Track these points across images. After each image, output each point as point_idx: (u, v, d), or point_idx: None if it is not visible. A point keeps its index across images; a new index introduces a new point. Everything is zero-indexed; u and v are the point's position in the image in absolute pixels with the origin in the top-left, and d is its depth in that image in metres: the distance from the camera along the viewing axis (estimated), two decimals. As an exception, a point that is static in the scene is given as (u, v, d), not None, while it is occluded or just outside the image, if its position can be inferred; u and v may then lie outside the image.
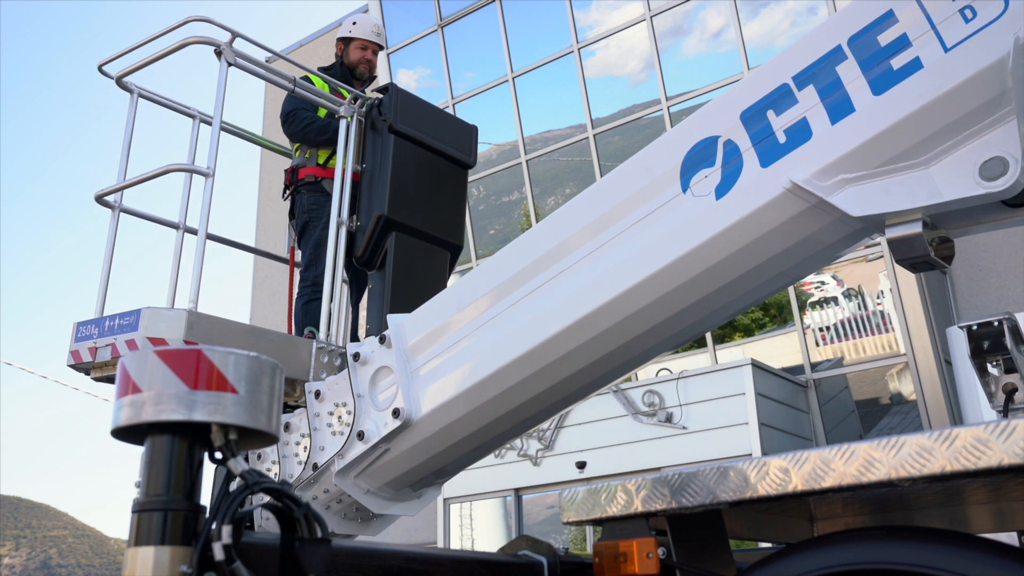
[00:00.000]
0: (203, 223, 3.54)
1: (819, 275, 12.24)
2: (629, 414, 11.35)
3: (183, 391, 1.47)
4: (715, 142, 2.51)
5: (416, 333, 3.13)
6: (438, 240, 4.17)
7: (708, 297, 2.58)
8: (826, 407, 11.89)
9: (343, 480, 3.20)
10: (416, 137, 4.07)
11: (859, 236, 2.42)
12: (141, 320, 3.34)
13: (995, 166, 2.10)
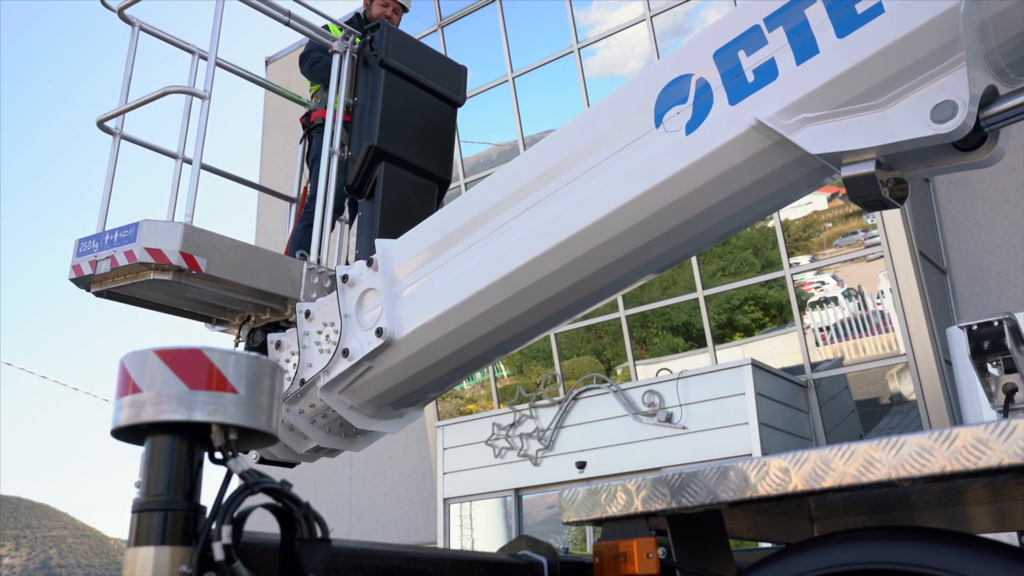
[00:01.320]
0: (199, 144, 3.74)
1: (819, 275, 12.24)
2: (629, 414, 11.35)
3: (183, 391, 1.47)
4: (688, 80, 2.62)
5: (402, 258, 3.30)
6: (426, 173, 4.29)
7: (678, 227, 2.70)
8: (826, 407, 11.89)
9: (328, 395, 3.36)
10: (406, 72, 4.22)
11: (819, 175, 2.52)
12: (139, 232, 3.48)
13: (945, 109, 2.20)
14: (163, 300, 3.91)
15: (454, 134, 4.53)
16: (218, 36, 3.88)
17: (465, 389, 15.19)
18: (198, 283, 3.59)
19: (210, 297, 3.82)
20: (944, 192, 12.87)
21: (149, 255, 3.44)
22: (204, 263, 3.51)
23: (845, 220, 12.14)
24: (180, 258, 3.45)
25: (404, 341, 3.18)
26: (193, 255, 3.50)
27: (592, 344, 13.82)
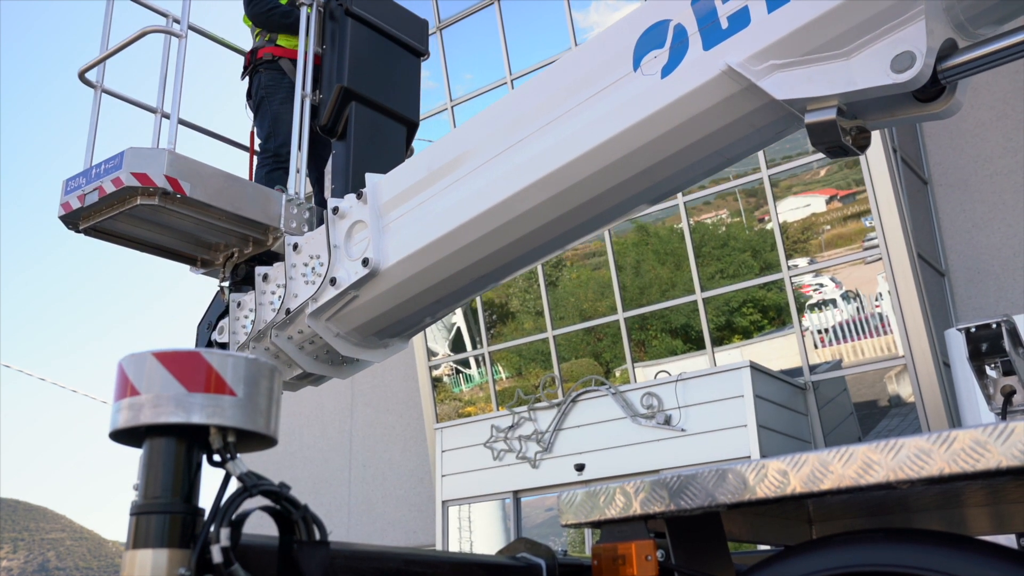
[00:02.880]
0: (178, 78, 3.93)
1: (817, 277, 12.25)
2: (628, 416, 11.35)
3: (181, 393, 1.47)
4: (667, 25, 2.72)
5: (390, 191, 3.42)
6: (395, 115, 4.46)
7: (653, 167, 2.81)
8: (825, 409, 11.90)
9: (315, 322, 3.51)
10: (371, 21, 4.42)
11: (786, 122, 2.62)
12: (125, 159, 3.61)
13: (904, 59, 2.29)
14: (148, 236, 4.02)
15: (419, 82, 4.72)
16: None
17: (464, 392, 15.19)
18: (182, 208, 3.71)
19: (194, 227, 3.92)
20: (942, 195, 12.88)
21: (136, 179, 3.57)
22: (188, 187, 3.66)
23: (844, 223, 12.15)
24: (165, 181, 3.59)
25: (389, 271, 3.33)
26: (177, 179, 3.64)
27: (591, 346, 13.82)
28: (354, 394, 17.59)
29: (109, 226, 3.87)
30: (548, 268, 14.31)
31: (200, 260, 4.23)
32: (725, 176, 12.94)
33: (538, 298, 14.19)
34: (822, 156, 12.52)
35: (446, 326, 15.65)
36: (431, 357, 15.27)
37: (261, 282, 3.81)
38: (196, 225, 3.89)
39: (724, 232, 13.08)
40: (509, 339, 14.59)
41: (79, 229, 3.89)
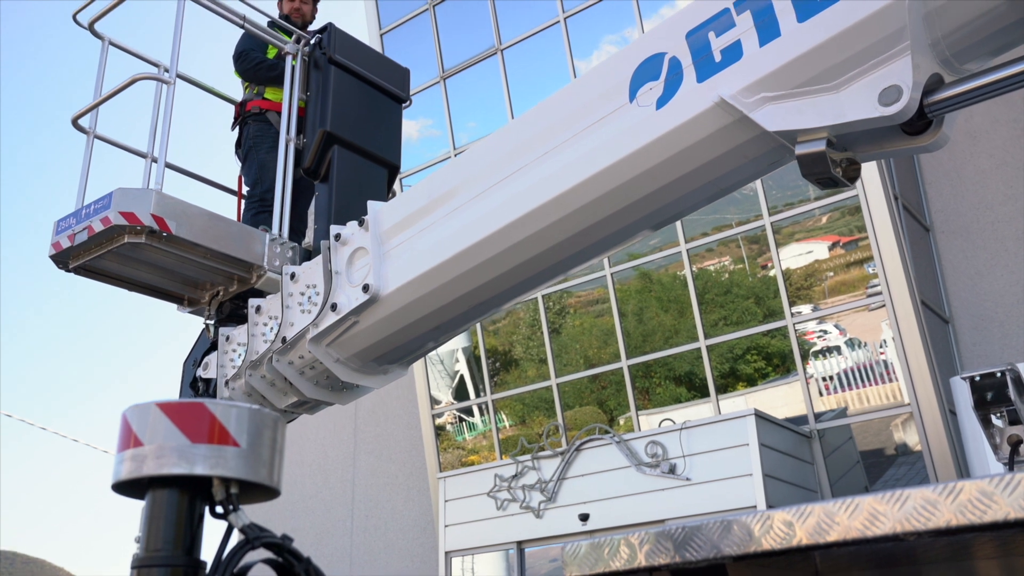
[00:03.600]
0: (166, 123, 4.09)
1: (821, 324, 12.23)
2: (632, 465, 11.26)
3: (185, 444, 1.47)
4: (662, 58, 2.79)
5: (391, 219, 3.46)
6: (377, 159, 4.62)
7: (648, 197, 2.86)
8: (831, 458, 11.79)
9: (316, 347, 3.54)
10: (353, 69, 4.59)
11: (778, 153, 2.65)
12: (113, 199, 3.74)
13: (892, 93, 2.33)
14: (136, 275, 4.13)
15: (400, 127, 4.92)
16: (180, 33, 4.24)
17: (467, 440, 15.09)
18: (169, 247, 3.85)
19: (181, 265, 4.04)
20: (944, 242, 12.91)
21: (123, 218, 3.70)
22: (174, 226, 3.79)
23: (846, 269, 12.17)
24: (152, 220, 3.72)
25: (389, 298, 3.36)
26: (164, 218, 3.77)
27: (595, 394, 13.76)
28: (357, 443, 17.48)
29: (98, 265, 3.98)
30: (552, 315, 14.31)
31: (187, 299, 4.32)
32: (727, 223, 13.00)
33: (541, 345, 14.17)
34: (824, 203, 12.56)
35: (449, 374, 15.61)
36: (434, 405, 15.21)
37: (254, 314, 3.88)
38: (182, 263, 4.01)
39: (727, 279, 13.10)
40: (512, 387, 14.53)
41: (69, 268, 4.00)
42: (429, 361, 15.38)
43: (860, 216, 11.67)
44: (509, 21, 15.33)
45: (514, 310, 14.97)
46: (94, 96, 4.35)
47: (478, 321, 3.81)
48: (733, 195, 13.23)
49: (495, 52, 15.19)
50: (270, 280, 4.12)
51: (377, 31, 16.73)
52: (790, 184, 12.74)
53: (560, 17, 14.56)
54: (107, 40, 4.47)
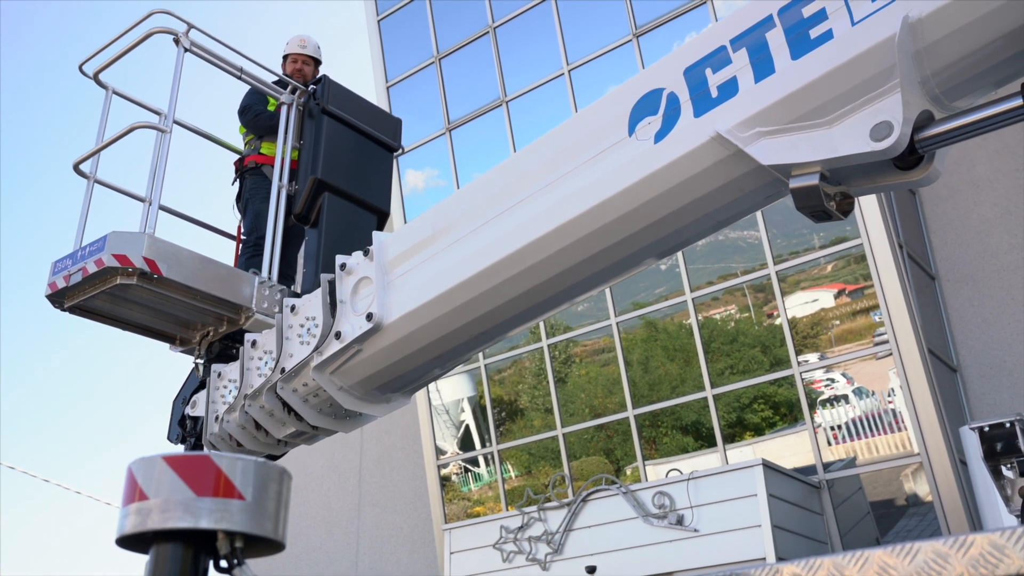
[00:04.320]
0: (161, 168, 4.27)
1: (828, 373, 12.18)
2: (639, 516, 11.13)
3: (190, 498, 1.46)
4: (660, 93, 2.85)
5: (395, 249, 3.52)
6: (366, 205, 4.77)
7: (645, 229, 2.91)
8: (840, 508, 11.65)
9: (320, 374, 3.59)
10: (345, 118, 4.75)
11: (773, 187, 2.71)
12: (108, 242, 3.90)
13: (883, 128, 2.38)
14: (128, 315, 4.27)
15: (391, 175, 5.07)
16: (178, 84, 4.44)
17: (473, 490, 14.96)
18: (160, 288, 3.99)
19: (172, 307, 4.18)
20: (950, 290, 12.90)
21: (116, 260, 3.86)
22: (165, 268, 3.95)
23: (853, 318, 12.15)
24: (143, 262, 3.89)
25: (392, 326, 3.41)
26: (155, 260, 3.93)
27: (601, 444, 13.66)
28: (361, 494, 17.34)
29: (91, 304, 4.12)
30: (557, 364, 14.28)
31: (179, 338, 4.46)
32: (732, 272, 13.02)
33: (547, 395, 14.11)
34: (829, 251, 12.56)
35: (455, 424, 15.54)
36: (440, 455, 15.11)
37: (250, 348, 3.96)
38: (173, 304, 4.14)
39: (733, 328, 13.08)
40: (518, 436, 14.44)
41: (64, 307, 4.14)
42: (435, 411, 15.32)
43: (865, 264, 11.68)
44: (514, 73, 15.55)
45: (519, 359, 14.94)
46: (96, 141, 4.51)
47: (480, 350, 3.85)
48: (738, 244, 13.29)
49: (500, 104, 15.38)
50: (258, 321, 4.25)
51: (384, 84, 16.97)
52: (795, 233, 12.78)
53: (564, 69, 14.76)
54: (111, 89, 4.66)
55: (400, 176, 16.33)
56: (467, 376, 15.46)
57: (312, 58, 5.85)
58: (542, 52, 15.26)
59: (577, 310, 14.86)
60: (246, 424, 3.99)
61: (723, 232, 13.72)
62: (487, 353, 15.01)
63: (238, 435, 4.05)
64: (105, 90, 4.64)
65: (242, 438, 4.06)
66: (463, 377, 15.55)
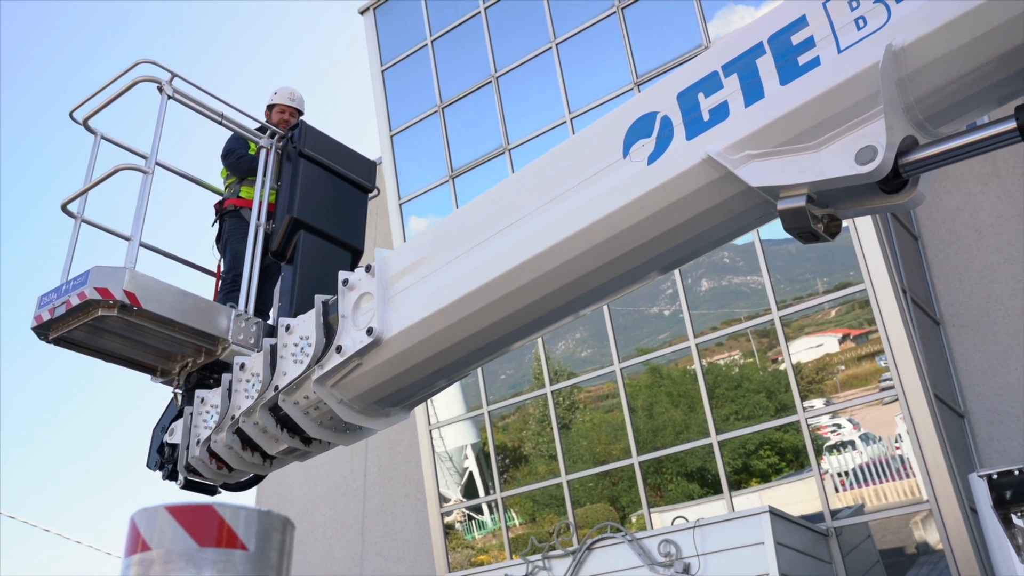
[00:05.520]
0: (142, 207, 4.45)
1: (834, 418, 12.09)
2: (645, 564, 10.97)
3: (193, 548, 1.45)
4: (654, 117, 2.94)
5: (397, 266, 3.60)
6: (341, 243, 4.97)
7: (638, 248, 2.99)
8: (849, 557, 11.49)
9: (320, 387, 3.65)
10: (320, 161, 4.98)
11: (763, 209, 2.78)
12: (90, 276, 4.05)
13: (867, 152, 2.45)
14: (111, 347, 4.41)
15: (365, 214, 5.26)
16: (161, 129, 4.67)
17: (477, 538, 14.79)
18: (140, 320, 4.13)
19: (152, 339, 4.32)
20: (955, 335, 12.87)
21: (98, 293, 4.00)
22: (144, 300, 4.09)
23: (858, 363, 12.10)
24: (123, 295, 4.03)
25: (392, 341, 3.48)
26: (135, 293, 4.07)
27: (606, 491, 13.53)
28: (364, 542, 17.14)
29: (75, 336, 4.27)
30: (561, 411, 14.20)
31: (159, 370, 4.60)
32: (736, 317, 13.00)
33: (551, 441, 14.01)
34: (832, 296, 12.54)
35: (458, 471, 15.41)
36: (443, 503, 14.96)
37: (238, 371, 4.07)
38: (153, 336, 4.30)
39: (737, 373, 13.03)
40: (522, 484, 14.32)
41: (48, 339, 4.28)
42: (438, 458, 15.20)
43: (869, 309, 11.66)
44: (516, 121, 15.71)
45: (523, 406, 14.86)
46: (84, 182, 4.71)
47: (477, 366, 3.90)
48: (741, 289, 13.30)
49: (503, 152, 15.51)
50: (234, 352, 4.38)
51: (388, 132, 17.14)
52: (798, 278, 12.79)
53: (566, 117, 14.91)
54: (99, 134, 4.86)
55: (404, 223, 16.41)
56: (470, 423, 15.38)
57: (297, 110, 6.15)
58: (544, 100, 15.44)
59: (581, 356, 14.82)
60: (232, 444, 4.09)
61: (726, 277, 13.75)
62: (490, 399, 14.95)
63: (225, 455, 4.16)
64: (94, 135, 4.86)
65: (229, 458, 4.17)
66: (466, 424, 15.47)
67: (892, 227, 12.58)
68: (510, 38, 16.22)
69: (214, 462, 4.27)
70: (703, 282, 13.85)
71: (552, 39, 15.48)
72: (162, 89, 4.70)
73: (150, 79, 4.71)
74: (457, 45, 16.92)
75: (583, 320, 14.77)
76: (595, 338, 14.50)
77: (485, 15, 16.51)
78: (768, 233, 12.77)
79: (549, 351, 14.70)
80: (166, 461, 4.48)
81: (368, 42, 18.09)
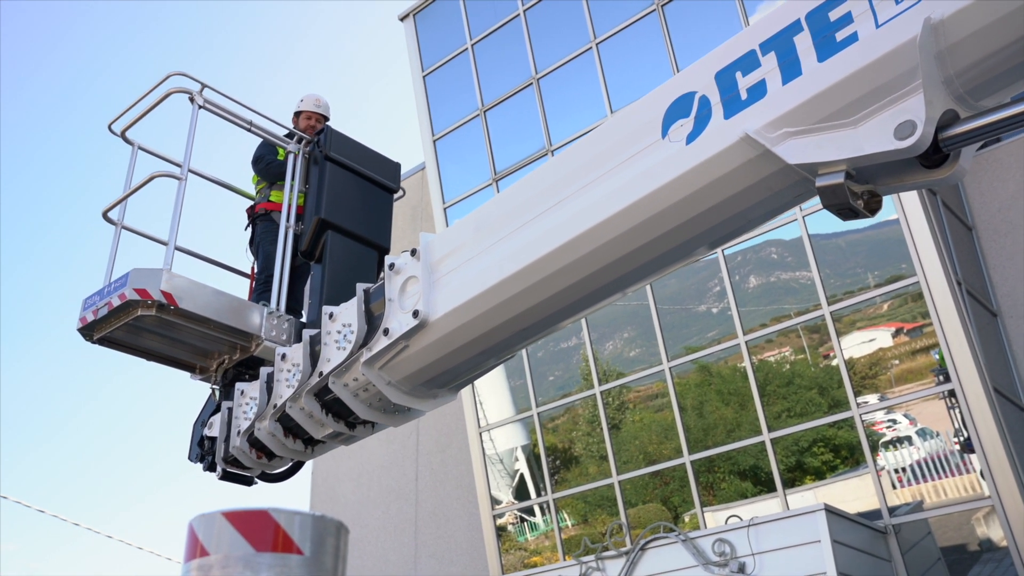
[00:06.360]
0: (177, 211, 4.68)
1: (889, 414, 11.88)
2: (700, 564, 10.89)
3: (250, 553, 1.48)
4: (692, 97, 2.96)
5: (441, 249, 3.67)
6: (367, 242, 5.13)
7: (679, 227, 3.00)
8: (909, 555, 11.27)
9: (369, 370, 3.74)
10: (346, 163, 5.17)
11: (801, 186, 2.78)
12: (130, 278, 4.27)
13: (906, 127, 2.44)
14: (151, 346, 4.61)
15: (391, 214, 5.41)
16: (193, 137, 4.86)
17: (529, 540, 14.80)
18: (176, 319, 4.33)
19: (189, 336, 4.51)
20: (1014, 326, 12.56)
21: (137, 294, 4.22)
22: (180, 300, 4.30)
23: (912, 357, 11.87)
24: (161, 295, 4.24)
25: (437, 323, 3.53)
26: (171, 293, 4.28)
27: (658, 491, 13.45)
28: (418, 546, 17.26)
29: (117, 336, 4.47)
30: (611, 411, 14.16)
31: (198, 367, 4.79)
32: (786, 313, 12.85)
33: (601, 442, 13.97)
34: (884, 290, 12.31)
35: (509, 473, 15.44)
36: (495, 505, 15.00)
37: (280, 361, 4.22)
38: (190, 334, 4.49)
39: (788, 370, 12.86)
40: (573, 485, 14.30)
41: (93, 340, 4.48)
42: (489, 460, 15.25)
43: (922, 302, 11.44)
44: (558, 122, 15.72)
45: (572, 407, 14.85)
46: (123, 189, 4.91)
47: (522, 348, 3.94)
48: (790, 285, 13.13)
49: (545, 153, 15.53)
50: (267, 348, 4.56)
51: (430, 137, 17.26)
52: (848, 272, 12.59)
53: (608, 117, 14.87)
54: (136, 145, 5.07)
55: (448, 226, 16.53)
56: (520, 425, 15.41)
57: (323, 116, 6.31)
58: (586, 100, 15.42)
59: (629, 355, 14.76)
60: (275, 431, 4.23)
61: (774, 273, 13.59)
62: (539, 401, 14.95)
63: (268, 442, 4.30)
64: (131, 146, 5.07)
65: (272, 445, 4.31)
66: (516, 426, 15.49)
67: (944, 217, 12.33)
68: (550, 39, 16.23)
69: (254, 452, 4.43)
70: (751, 279, 13.70)
71: (592, 39, 15.46)
72: (193, 99, 4.90)
73: (182, 90, 4.91)
74: (497, 48, 16.98)
75: (631, 320, 14.71)
76: (643, 337, 14.43)
77: (524, 17, 16.54)
78: (816, 228, 12.59)
79: (597, 351, 14.67)
80: (206, 453, 4.67)
81: (409, 48, 18.23)
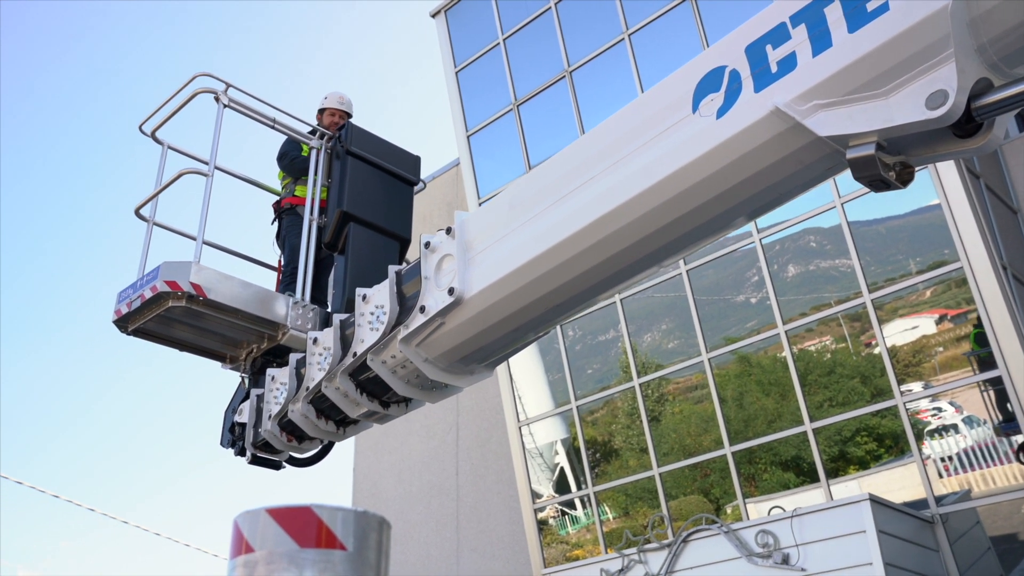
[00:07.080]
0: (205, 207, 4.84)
1: (934, 402, 11.70)
2: (743, 556, 10.82)
3: (294, 549, 1.50)
4: (723, 71, 2.95)
5: (476, 227, 3.71)
6: (389, 233, 5.30)
7: (711, 201, 3.01)
8: (957, 544, 11.10)
9: (406, 347, 3.80)
10: (367, 158, 5.33)
11: (832, 159, 2.76)
12: (160, 271, 4.46)
13: (938, 97, 2.42)
14: (183, 336, 4.77)
15: (411, 206, 5.55)
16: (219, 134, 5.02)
17: (571, 534, 14.81)
18: (205, 309, 4.51)
19: (217, 326, 4.68)
20: (1061, 310, 12.30)
21: (167, 286, 4.42)
22: (209, 291, 4.48)
23: (957, 344, 11.67)
24: (190, 286, 4.43)
25: (472, 300, 3.58)
26: (200, 284, 4.46)
27: (698, 482, 13.38)
28: (460, 540, 17.35)
29: (150, 328, 4.65)
30: (650, 403, 14.11)
31: (228, 357, 4.96)
32: (826, 302, 12.70)
33: (641, 434, 13.93)
34: (926, 277, 12.12)
35: (549, 467, 15.45)
36: (535, 499, 15.03)
37: (312, 345, 4.32)
38: (219, 324, 4.66)
39: (829, 359, 12.71)
40: (614, 478, 14.27)
41: (128, 331, 4.66)
42: (528, 454, 15.28)
43: (967, 288, 11.24)
44: (592, 115, 15.66)
45: (611, 399, 14.81)
46: (154, 187, 5.11)
47: (558, 323, 3.96)
48: (830, 273, 12.98)
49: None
50: (294, 337, 4.72)
51: (464, 133, 17.29)
52: (889, 259, 12.41)
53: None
54: (166, 144, 5.26)
55: (484, 222, 16.54)
56: (560, 418, 15.41)
57: (346, 113, 6.48)
58: (619, 92, 15.34)
59: (668, 347, 14.69)
60: (308, 413, 4.34)
61: (813, 262, 13.43)
62: (578, 395, 14.94)
63: (301, 423, 4.42)
64: (161, 145, 5.26)
65: (305, 426, 4.42)
66: (556, 419, 15.49)
67: (988, 201, 12.09)
68: (582, 31, 16.17)
69: (284, 435, 4.56)
70: (789, 268, 13.56)
71: (624, 30, 15.37)
72: (218, 99, 5.07)
73: (207, 90, 5.07)
74: (529, 42, 16.95)
75: (668, 311, 14.63)
76: (681, 329, 14.34)
77: (556, 10, 16.50)
78: (856, 215, 12.42)
79: (635, 344, 14.61)
80: (237, 439, 4.80)
81: (441, 44, 18.27)
